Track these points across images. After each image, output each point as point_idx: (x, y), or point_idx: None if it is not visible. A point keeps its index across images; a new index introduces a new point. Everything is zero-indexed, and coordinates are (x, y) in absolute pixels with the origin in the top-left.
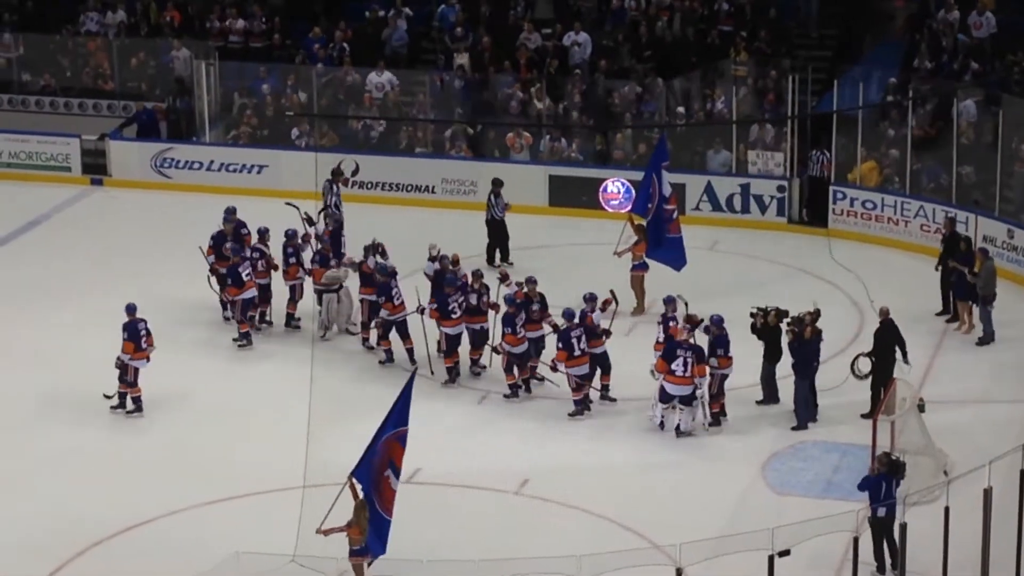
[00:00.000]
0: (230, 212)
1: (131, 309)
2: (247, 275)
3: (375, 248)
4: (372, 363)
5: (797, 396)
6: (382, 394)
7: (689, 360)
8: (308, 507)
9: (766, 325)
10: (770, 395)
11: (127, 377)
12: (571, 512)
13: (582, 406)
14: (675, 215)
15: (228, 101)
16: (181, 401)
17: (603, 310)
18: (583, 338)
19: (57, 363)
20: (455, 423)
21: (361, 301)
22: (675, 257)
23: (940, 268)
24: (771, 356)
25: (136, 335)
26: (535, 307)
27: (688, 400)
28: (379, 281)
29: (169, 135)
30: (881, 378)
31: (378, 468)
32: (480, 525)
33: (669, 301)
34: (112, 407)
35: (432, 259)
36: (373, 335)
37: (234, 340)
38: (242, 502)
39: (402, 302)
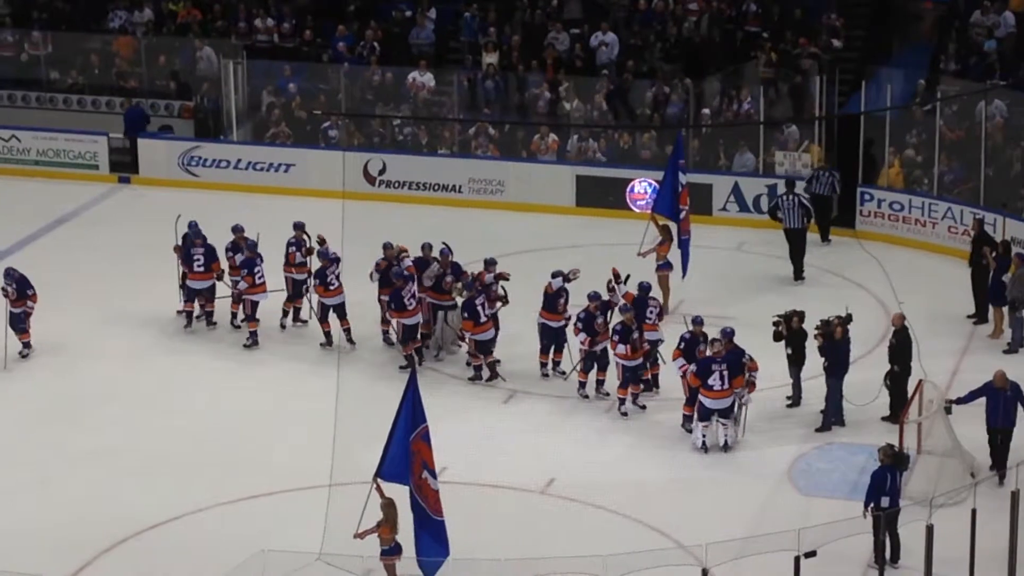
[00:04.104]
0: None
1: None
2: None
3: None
4: (395, 362)
5: (830, 397)
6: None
7: (725, 373)
8: (334, 506)
9: (789, 330)
10: (796, 398)
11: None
12: (596, 512)
13: (479, 373)
14: (685, 214)
15: (256, 100)
16: (205, 399)
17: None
18: (487, 305)
19: (81, 360)
20: (480, 422)
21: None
22: (682, 262)
23: (972, 268)
24: (796, 360)
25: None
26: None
27: (727, 413)
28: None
29: (196, 134)
30: (900, 383)
31: (416, 472)
32: (505, 525)
33: (697, 323)
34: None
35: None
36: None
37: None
38: (268, 500)
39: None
